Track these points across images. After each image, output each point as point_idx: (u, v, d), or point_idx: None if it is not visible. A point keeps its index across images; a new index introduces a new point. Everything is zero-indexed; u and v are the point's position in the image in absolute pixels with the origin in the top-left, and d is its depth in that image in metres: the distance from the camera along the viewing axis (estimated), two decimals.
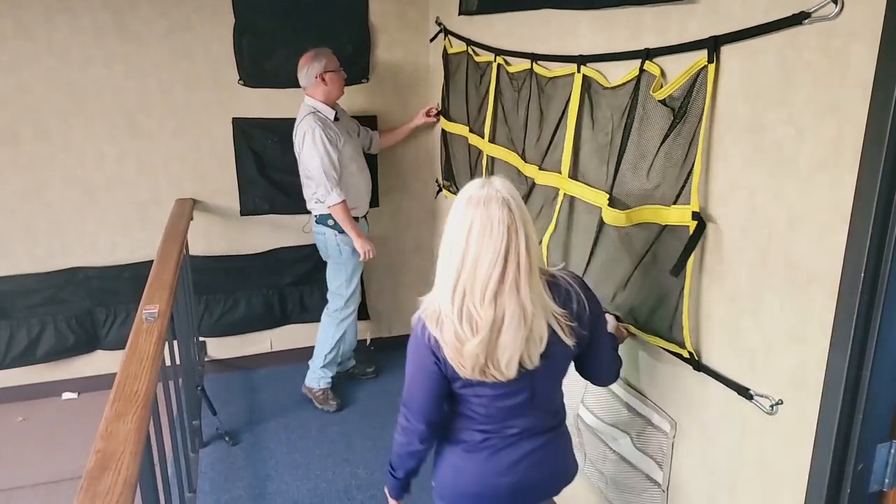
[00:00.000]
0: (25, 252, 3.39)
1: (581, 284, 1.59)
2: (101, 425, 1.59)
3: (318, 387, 3.50)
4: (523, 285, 1.43)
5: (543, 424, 1.66)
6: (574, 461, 1.79)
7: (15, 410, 3.56)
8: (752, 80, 1.49)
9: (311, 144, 3.06)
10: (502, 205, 1.42)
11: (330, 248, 3.30)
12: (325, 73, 3.11)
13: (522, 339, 1.45)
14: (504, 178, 1.50)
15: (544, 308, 1.48)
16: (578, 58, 2.12)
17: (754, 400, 1.56)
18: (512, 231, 1.41)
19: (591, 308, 1.59)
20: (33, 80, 3.18)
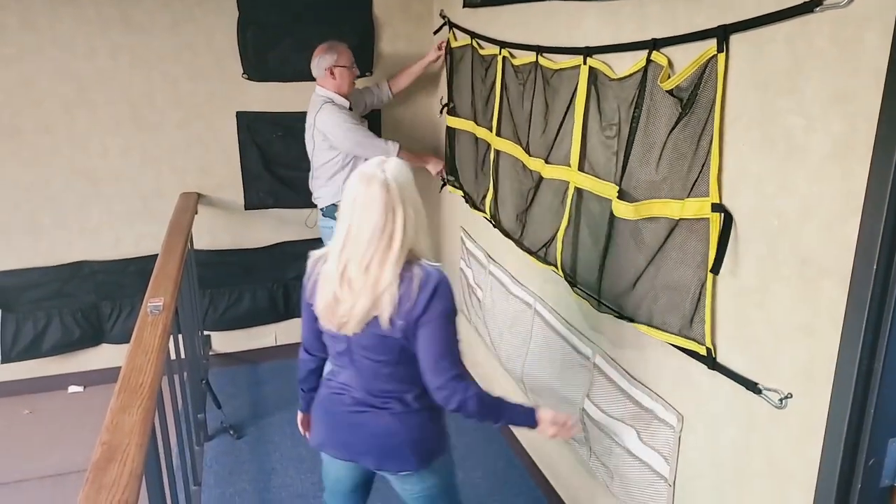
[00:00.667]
0: (30, 245, 3.40)
1: (433, 289, 1.60)
2: (107, 417, 1.59)
3: None
4: (388, 262, 1.58)
5: (365, 395, 1.76)
6: (413, 453, 1.77)
7: (21, 403, 3.57)
8: (761, 70, 1.47)
9: (341, 128, 3.06)
10: (382, 185, 1.57)
11: None
12: (334, 67, 3.10)
13: (365, 307, 1.60)
14: (402, 162, 1.66)
15: (390, 289, 1.58)
16: (584, 49, 2.10)
17: (763, 394, 1.54)
18: (388, 211, 1.57)
19: (425, 313, 1.60)
20: (37, 72, 3.17)
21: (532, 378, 2.68)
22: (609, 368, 2.16)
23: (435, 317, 1.61)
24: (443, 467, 1.88)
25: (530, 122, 2.48)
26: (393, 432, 1.76)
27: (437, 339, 1.63)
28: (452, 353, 1.66)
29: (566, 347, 2.42)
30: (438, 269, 1.65)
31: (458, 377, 1.65)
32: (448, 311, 1.63)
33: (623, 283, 1.96)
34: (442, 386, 1.64)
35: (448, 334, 1.64)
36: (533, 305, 2.67)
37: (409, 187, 1.62)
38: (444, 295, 1.62)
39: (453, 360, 1.65)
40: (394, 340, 1.64)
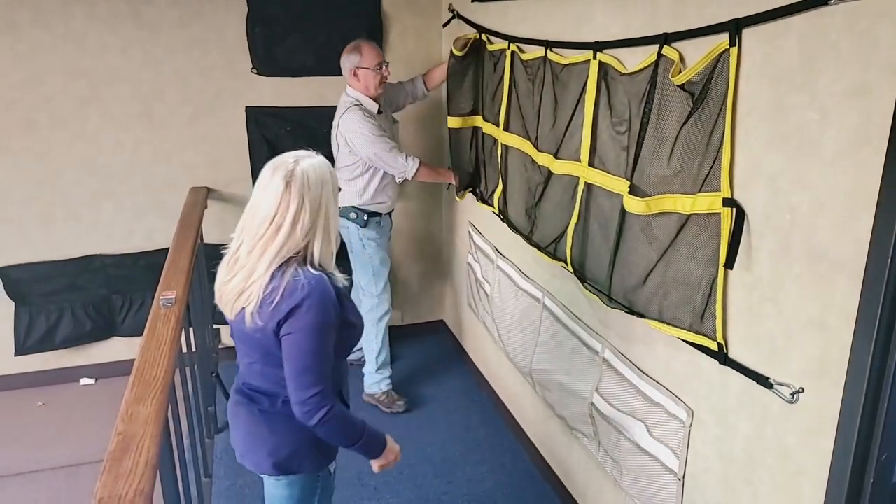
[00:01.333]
0: (43, 239, 3.42)
1: (300, 299, 1.52)
2: (122, 408, 1.61)
3: (381, 390, 3.40)
4: (267, 254, 1.53)
5: (245, 386, 1.74)
6: (269, 456, 1.71)
7: (35, 395, 3.60)
8: (774, 63, 1.47)
9: (363, 137, 2.99)
10: (285, 177, 1.52)
11: (353, 242, 3.22)
12: (357, 69, 3.03)
13: (238, 292, 1.58)
14: (324, 163, 1.60)
15: (258, 283, 1.54)
16: (594, 44, 2.10)
17: (774, 388, 1.54)
18: (281, 203, 1.52)
19: (286, 321, 1.54)
20: (50, 68, 3.19)
21: (540, 372, 2.69)
22: (618, 363, 2.17)
23: (298, 328, 1.53)
24: (298, 487, 1.78)
25: (539, 117, 2.47)
26: (255, 430, 1.72)
27: (300, 353, 1.54)
28: (316, 370, 1.55)
29: (575, 342, 2.42)
30: (318, 280, 1.55)
31: (319, 395, 1.56)
32: (314, 325, 1.53)
33: (633, 279, 1.96)
34: (302, 402, 1.56)
35: (312, 349, 1.54)
36: (541, 300, 2.67)
37: (317, 188, 1.54)
38: (312, 307, 1.53)
39: (317, 377, 1.55)
40: (257, 340, 1.60)
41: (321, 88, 3.50)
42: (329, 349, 1.58)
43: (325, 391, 1.57)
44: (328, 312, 1.56)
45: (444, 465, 2.97)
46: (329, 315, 1.56)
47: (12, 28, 3.10)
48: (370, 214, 3.17)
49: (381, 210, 3.21)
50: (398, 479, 2.86)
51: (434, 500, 2.75)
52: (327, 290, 1.56)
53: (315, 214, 1.54)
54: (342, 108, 3.08)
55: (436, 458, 3.01)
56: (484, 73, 3.00)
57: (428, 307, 4.12)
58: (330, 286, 1.58)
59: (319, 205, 1.55)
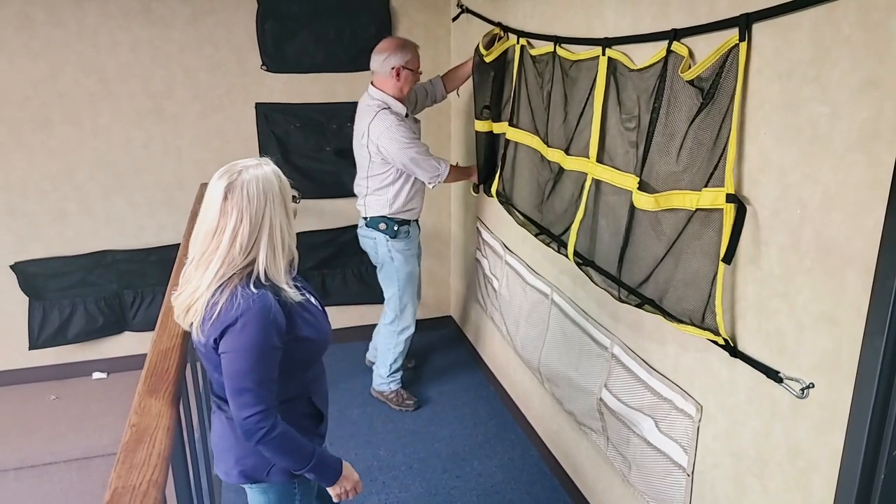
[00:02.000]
0: (57, 234, 3.46)
1: (233, 318, 1.46)
2: (135, 401, 1.63)
3: (390, 389, 3.35)
4: (210, 268, 1.48)
5: (213, 391, 1.71)
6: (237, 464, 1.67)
7: (48, 389, 3.65)
8: (785, 58, 1.46)
9: (397, 144, 2.82)
10: (226, 187, 1.46)
11: (381, 254, 3.09)
12: (402, 68, 2.84)
13: (186, 307, 1.53)
14: (271, 173, 1.52)
15: (202, 298, 1.50)
16: (603, 40, 2.09)
17: (784, 383, 1.54)
18: (222, 217, 1.46)
19: (221, 339, 1.49)
20: (63, 65, 3.22)
21: (549, 368, 2.69)
22: (627, 358, 2.17)
23: (233, 348, 1.48)
24: (273, 493, 1.73)
25: (549, 112, 2.47)
26: (224, 435, 1.69)
27: (236, 373, 1.49)
28: (254, 390, 1.49)
29: (584, 337, 2.43)
30: (258, 298, 1.48)
31: (259, 415, 1.49)
32: (249, 345, 1.47)
33: (641, 274, 1.96)
34: (240, 421, 1.51)
35: (247, 369, 1.48)
36: (550, 296, 2.67)
37: (260, 202, 1.47)
38: (246, 327, 1.46)
39: (255, 397, 1.49)
40: (204, 353, 1.57)
41: (330, 85, 3.51)
42: (269, 369, 1.51)
43: (266, 411, 1.50)
44: (266, 333, 1.48)
45: (452, 459, 2.98)
46: (267, 335, 1.48)
47: (27, 25, 3.13)
48: (400, 223, 3.03)
49: (411, 217, 3.08)
50: (407, 474, 2.88)
51: (443, 495, 2.76)
52: (266, 308, 1.48)
53: (256, 229, 1.47)
54: (368, 112, 2.88)
55: (444, 453, 3.02)
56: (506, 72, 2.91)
57: (436, 302, 4.13)
58: (272, 304, 1.50)
59: (262, 219, 1.47)
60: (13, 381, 3.64)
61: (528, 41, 2.62)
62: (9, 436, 3.34)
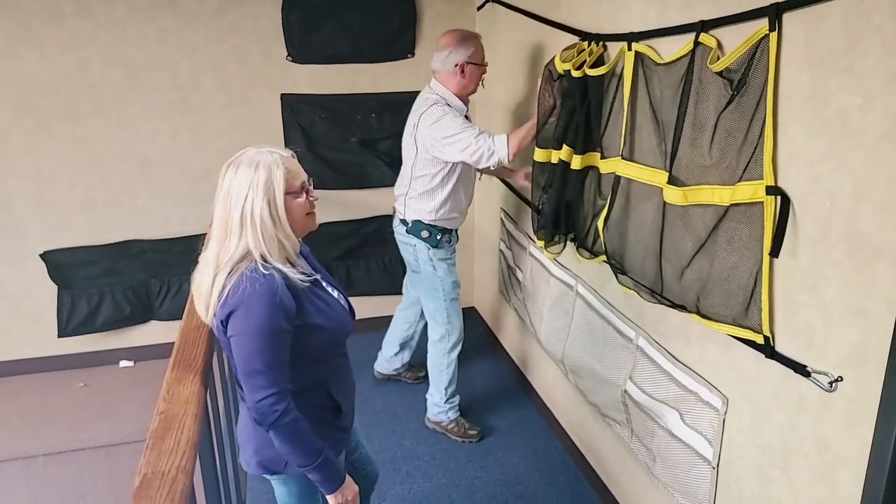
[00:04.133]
0: (84, 224, 3.52)
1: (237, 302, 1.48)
2: (163, 388, 1.66)
3: (449, 419, 3.06)
4: (222, 254, 1.52)
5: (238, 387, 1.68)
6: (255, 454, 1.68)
7: (76, 377, 3.72)
8: (815, 48, 1.44)
9: (450, 122, 2.60)
10: (223, 176, 1.52)
11: (422, 263, 2.88)
12: (467, 63, 2.65)
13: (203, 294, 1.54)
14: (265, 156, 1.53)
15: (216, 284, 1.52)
16: (629, 35, 2.07)
17: (812, 377, 1.53)
18: (219, 201, 1.52)
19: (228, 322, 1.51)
20: (92, 57, 3.27)
21: (573, 359, 2.69)
22: (652, 350, 2.16)
23: (241, 331, 1.49)
24: (294, 485, 1.73)
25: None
26: (244, 426, 1.71)
27: (245, 356, 1.50)
28: (262, 374, 1.49)
29: (608, 329, 2.42)
30: (263, 281, 1.48)
31: (272, 397, 1.50)
32: (255, 328, 1.47)
33: (672, 273, 1.94)
34: (253, 404, 1.51)
35: (254, 351, 1.48)
36: (574, 287, 2.67)
37: (243, 188, 1.49)
38: (251, 310, 1.47)
39: (268, 380, 1.49)
40: (220, 338, 1.59)
41: (355, 76, 3.52)
42: (280, 352, 1.51)
43: (279, 394, 1.50)
44: (273, 315, 1.48)
45: (475, 450, 2.99)
46: (274, 318, 1.49)
47: (57, 17, 3.17)
48: (443, 232, 2.83)
49: (455, 226, 2.90)
50: (430, 464, 2.90)
51: (466, 485, 2.77)
52: (272, 290, 1.48)
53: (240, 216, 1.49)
54: (424, 104, 2.71)
55: (467, 443, 3.03)
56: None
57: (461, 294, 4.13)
58: (279, 286, 1.50)
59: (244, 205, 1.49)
60: (42, 368, 3.71)
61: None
62: (37, 422, 3.42)
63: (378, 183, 3.63)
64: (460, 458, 2.93)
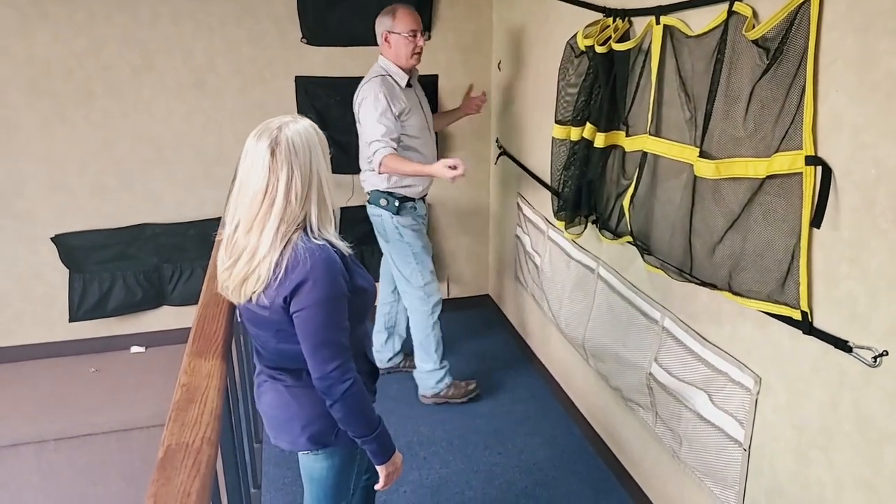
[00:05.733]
0: (97, 207, 3.48)
1: (304, 273, 1.45)
2: (184, 361, 1.62)
3: (445, 385, 3.10)
4: (267, 229, 1.45)
5: (265, 367, 1.69)
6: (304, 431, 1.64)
7: (88, 362, 3.69)
8: (860, 11, 1.39)
9: (370, 109, 2.72)
10: (270, 145, 1.44)
11: (388, 231, 2.95)
12: (389, 33, 2.78)
13: (245, 273, 1.49)
14: (309, 126, 1.50)
15: (266, 261, 1.46)
16: (656, 9, 2.02)
17: (854, 352, 1.48)
18: (271, 173, 1.44)
19: (294, 297, 1.47)
20: (106, 37, 3.23)
21: (594, 343, 2.64)
22: (679, 331, 2.11)
23: (308, 304, 1.46)
24: (338, 457, 1.71)
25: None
26: (283, 405, 1.66)
27: (314, 329, 1.48)
28: (333, 343, 1.49)
29: (632, 311, 2.37)
30: (322, 250, 1.47)
31: (340, 368, 1.50)
32: (323, 298, 1.46)
33: (703, 250, 1.89)
34: (322, 376, 1.50)
35: (324, 322, 1.48)
36: (596, 270, 2.62)
37: (305, 153, 1.45)
38: (318, 280, 1.45)
39: (336, 350, 1.49)
40: (266, 318, 1.53)
41: (371, 58, 3.41)
42: (343, 319, 1.51)
43: (346, 364, 1.51)
44: (336, 283, 1.48)
45: (494, 436, 2.94)
46: (338, 285, 1.49)
47: None
48: (401, 200, 2.89)
49: (413, 195, 2.93)
50: (447, 450, 2.85)
51: (485, 471, 2.73)
52: (332, 259, 1.48)
53: (307, 180, 1.46)
54: (366, 79, 2.83)
55: (485, 430, 2.99)
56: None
57: (473, 281, 4.10)
58: (334, 254, 1.50)
59: (310, 170, 1.46)
60: (53, 353, 3.68)
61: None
62: (49, 407, 3.39)
63: None
64: (478, 445, 2.89)
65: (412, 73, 2.90)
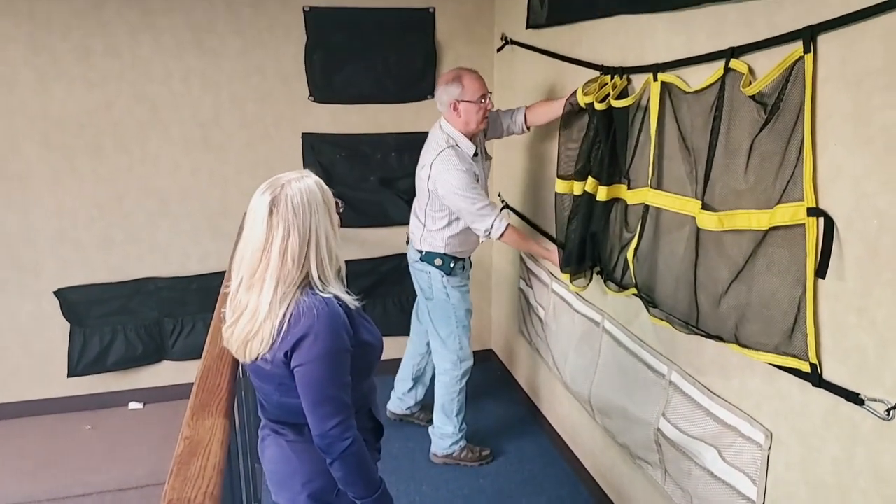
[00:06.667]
0: (102, 260, 3.50)
1: (306, 327, 1.44)
2: (187, 414, 1.60)
3: (460, 447, 3.08)
4: (267, 284, 1.45)
5: (268, 420, 1.67)
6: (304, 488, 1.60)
7: (83, 419, 3.63)
8: (854, 67, 1.43)
9: (456, 194, 2.65)
10: (271, 202, 1.44)
11: (435, 290, 2.90)
12: (459, 101, 2.68)
13: (247, 333, 1.48)
14: (315, 184, 1.51)
15: (270, 317, 1.46)
16: (654, 66, 2.07)
17: (866, 405, 1.46)
18: (269, 232, 1.44)
19: (295, 351, 1.46)
20: (117, 94, 3.31)
21: (600, 399, 2.60)
22: (687, 385, 2.08)
23: (309, 359, 1.45)
24: None
25: (594, 144, 2.37)
26: (285, 460, 1.63)
27: (314, 384, 1.46)
28: (333, 400, 1.47)
29: (638, 365, 2.35)
30: (324, 303, 1.46)
31: (341, 425, 1.47)
32: (324, 353, 1.45)
33: (708, 302, 1.88)
34: (322, 434, 1.47)
35: (325, 378, 1.46)
36: (601, 323, 2.60)
37: (306, 213, 1.45)
38: (320, 335, 1.44)
39: (334, 408, 1.47)
40: (268, 372, 1.52)
41: (376, 115, 3.56)
42: (345, 375, 1.49)
43: (347, 421, 1.48)
44: (338, 337, 1.47)
45: (498, 496, 2.87)
46: (340, 340, 1.47)
47: (87, 56, 3.23)
48: (455, 259, 2.87)
49: (465, 255, 2.94)
50: None
51: None
52: (335, 313, 1.47)
53: (305, 241, 1.45)
54: (435, 148, 2.73)
55: (489, 490, 2.92)
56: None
57: (477, 336, 4.06)
58: (338, 308, 1.49)
59: (309, 230, 1.45)
60: (49, 410, 3.63)
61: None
62: (42, 466, 3.31)
63: (397, 221, 3.60)
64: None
65: (477, 141, 2.83)
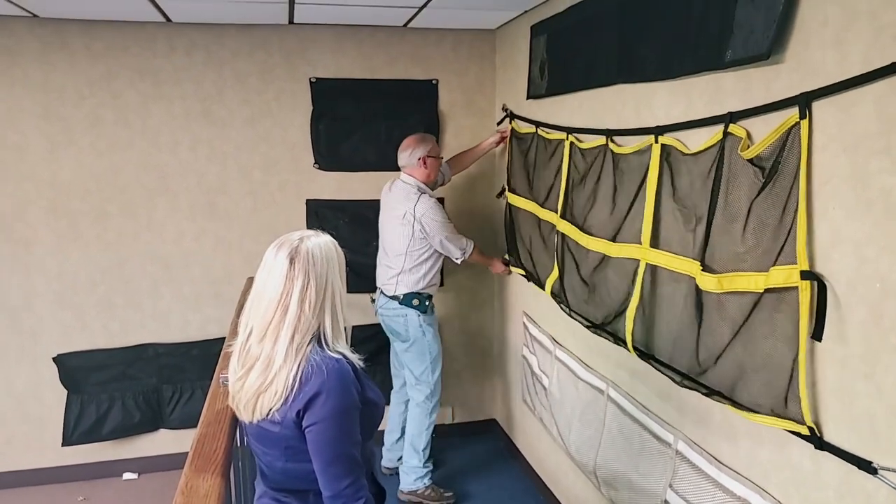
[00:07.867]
0: (102, 326, 3.48)
1: (318, 386, 1.43)
2: (181, 481, 1.55)
3: (425, 485, 3.30)
4: (281, 337, 1.45)
5: (270, 488, 1.62)
6: None
7: (76, 490, 3.54)
8: (849, 132, 1.45)
9: (438, 223, 3.12)
10: (289, 254, 1.47)
11: (412, 330, 3.21)
12: (427, 157, 3.19)
13: (260, 385, 1.46)
14: (329, 241, 1.56)
15: (282, 372, 1.45)
16: (655, 129, 2.12)
17: (879, 474, 1.41)
18: (288, 282, 1.46)
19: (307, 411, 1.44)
20: (126, 162, 3.38)
21: (606, 470, 2.53)
22: (693, 455, 2.03)
23: (321, 417, 1.43)
24: None
25: (594, 202, 2.47)
26: None
27: (327, 443, 1.45)
28: (346, 458, 1.46)
29: (644, 434, 2.29)
30: (335, 361, 1.47)
31: (353, 485, 1.46)
32: (337, 410, 1.44)
33: (706, 360, 1.87)
34: (335, 494, 1.45)
35: (338, 436, 1.45)
36: (605, 391, 2.56)
37: (323, 265, 1.49)
38: (332, 393, 1.44)
39: (347, 467, 1.46)
40: (275, 435, 1.49)
41: (379, 182, 3.59)
42: (356, 432, 1.49)
43: (359, 481, 1.47)
44: (349, 394, 1.47)
45: None
46: (351, 396, 1.47)
47: (97, 124, 3.32)
48: (428, 298, 3.22)
49: (434, 291, 3.28)
50: None
51: None
52: (346, 370, 1.48)
53: (322, 291, 1.48)
54: (410, 197, 3.14)
55: None
56: (537, 161, 3.05)
57: (479, 405, 4.00)
58: (348, 366, 1.49)
59: (326, 281, 1.48)
60: (41, 480, 3.55)
61: (577, 136, 2.67)
62: None
63: None
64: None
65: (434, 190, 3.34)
